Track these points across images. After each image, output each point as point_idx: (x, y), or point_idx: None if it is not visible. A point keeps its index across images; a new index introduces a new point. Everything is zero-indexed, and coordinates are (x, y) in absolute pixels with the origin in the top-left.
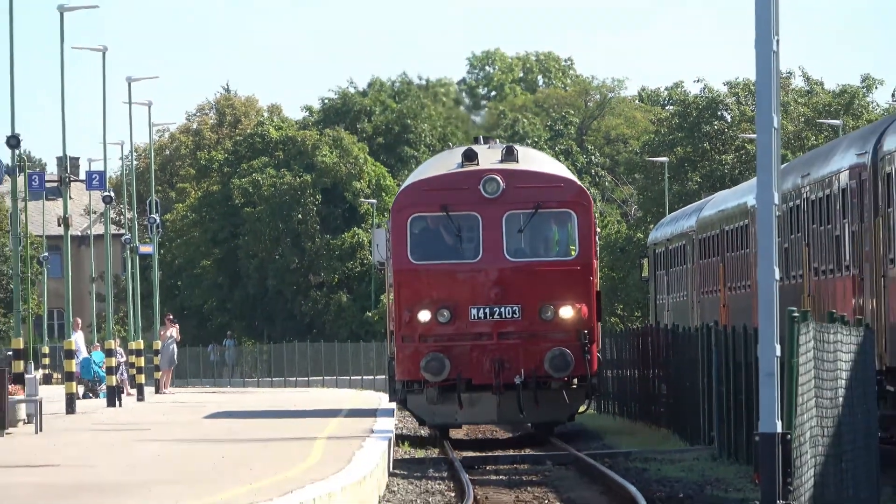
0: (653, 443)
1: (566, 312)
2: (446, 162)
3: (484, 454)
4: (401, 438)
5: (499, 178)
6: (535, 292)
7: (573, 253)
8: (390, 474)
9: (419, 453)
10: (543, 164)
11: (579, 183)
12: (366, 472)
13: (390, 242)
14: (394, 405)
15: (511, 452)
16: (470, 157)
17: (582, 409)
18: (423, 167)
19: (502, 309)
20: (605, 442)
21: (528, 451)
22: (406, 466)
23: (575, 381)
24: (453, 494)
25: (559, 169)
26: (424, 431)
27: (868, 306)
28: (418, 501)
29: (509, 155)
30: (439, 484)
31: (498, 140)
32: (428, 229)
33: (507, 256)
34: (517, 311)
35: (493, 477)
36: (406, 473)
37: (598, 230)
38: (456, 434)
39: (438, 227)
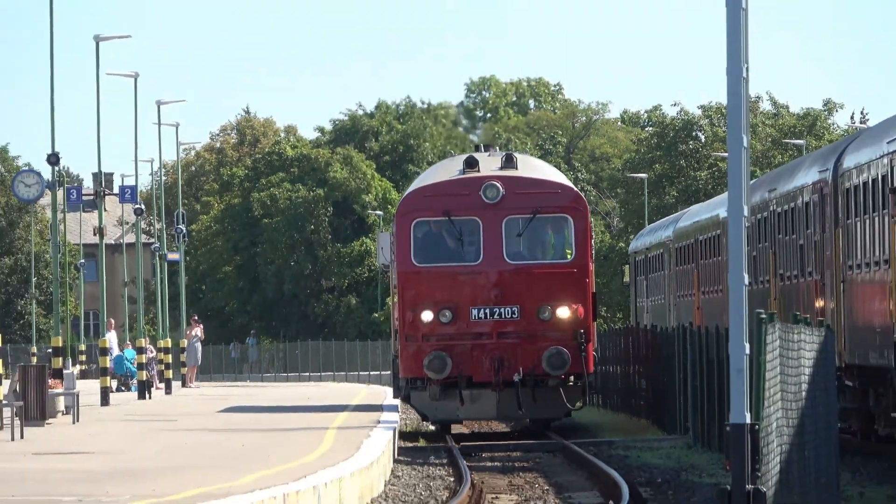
0: (633, 433)
1: (563, 313)
2: (449, 169)
3: (480, 443)
4: (404, 434)
5: (499, 185)
6: (533, 294)
7: (570, 256)
8: (395, 461)
9: (421, 443)
10: (541, 171)
11: (576, 189)
12: (372, 458)
13: (395, 246)
14: (398, 401)
15: (504, 442)
16: (471, 164)
17: (578, 405)
18: (426, 174)
19: (502, 309)
20: (590, 432)
21: (520, 441)
22: (409, 455)
23: (571, 378)
24: (452, 479)
25: (556, 176)
26: (424, 427)
27: (829, 308)
28: (420, 486)
29: (509, 162)
30: (440, 470)
31: (498, 148)
32: (431, 233)
33: (507, 259)
34: (516, 312)
35: (489, 464)
36: (409, 461)
37: (593, 235)
38: (457, 429)
39: (441, 231)
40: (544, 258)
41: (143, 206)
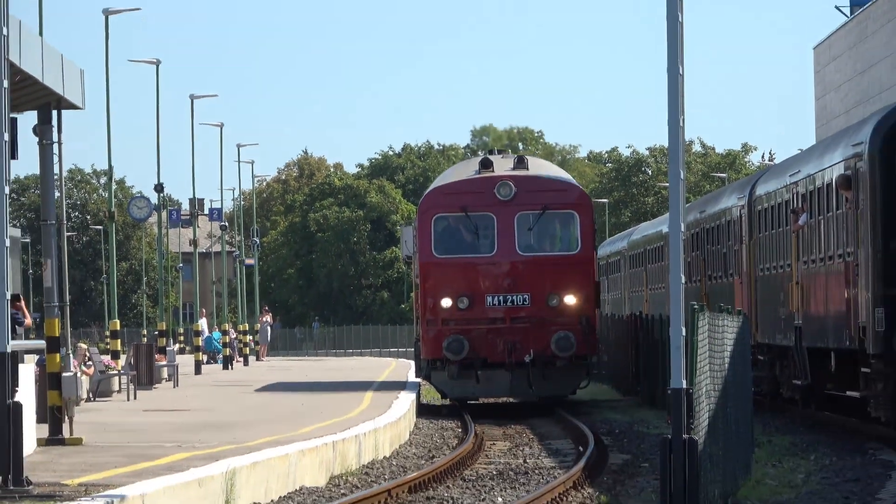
0: (598, 395)
1: (570, 300)
2: (466, 169)
3: (484, 405)
4: (424, 407)
5: (511, 183)
6: (542, 282)
7: (576, 248)
8: (417, 416)
9: (439, 402)
10: (550, 171)
11: (581, 188)
12: (400, 414)
13: (416, 239)
14: (419, 380)
15: (496, 400)
16: (486, 165)
17: (583, 384)
18: (445, 174)
19: (514, 297)
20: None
21: (511, 400)
22: (428, 414)
23: (577, 359)
24: (461, 430)
25: (564, 175)
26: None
27: (745, 301)
28: (436, 436)
29: (520, 163)
30: (451, 423)
31: (510, 151)
32: (449, 227)
33: (519, 251)
34: (527, 299)
35: (490, 420)
36: (429, 418)
37: (596, 229)
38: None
39: (459, 226)
40: (553, 250)
41: (226, 224)
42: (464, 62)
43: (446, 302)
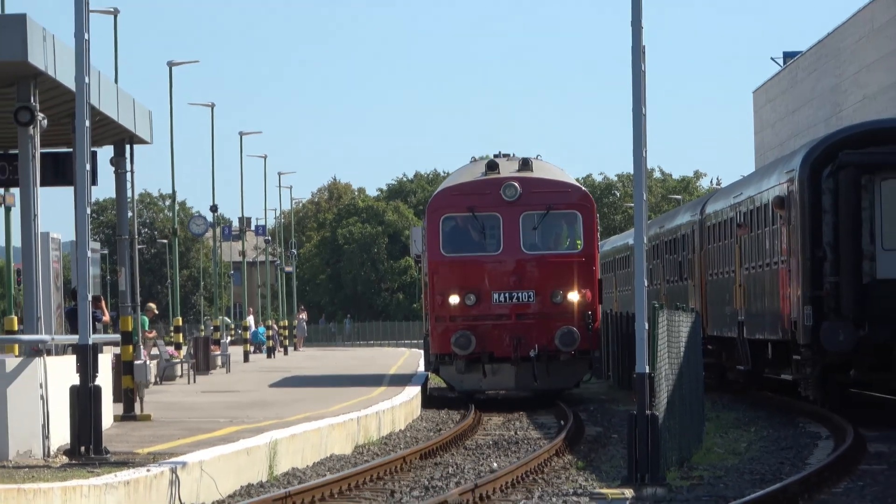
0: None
1: (573, 297)
2: (473, 171)
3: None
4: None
5: (517, 185)
6: (547, 280)
7: (579, 247)
8: (427, 399)
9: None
10: (554, 173)
11: (584, 189)
12: (412, 395)
13: (426, 238)
14: (428, 374)
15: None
16: (492, 167)
17: (586, 377)
18: (453, 176)
19: (519, 294)
20: None
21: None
22: (437, 401)
23: (580, 354)
24: (464, 409)
25: (567, 177)
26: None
27: (697, 300)
28: (443, 414)
29: (525, 166)
30: (457, 407)
31: (514, 154)
32: (457, 227)
33: (524, 250)
34: (532, 296)
35: (492, 407)
36: (437, 403)
37: (599, 229)
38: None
39: (466, 225)
40: (557, 249)
41: (269, 238)
42: (463, 99)
43: (454, 299)
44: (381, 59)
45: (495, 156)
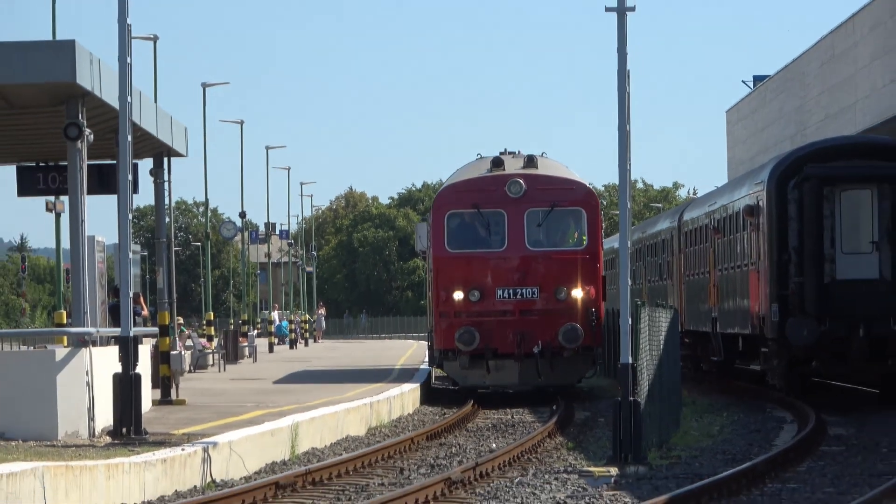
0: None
1: (577, 294)
2: (478, 168)
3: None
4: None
5: (521, 182)
6: (551, 276)
7: (583, 244)
8: (432, 387)
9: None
10: (559, 170)
11: (589, 186)
12: (420, 382)
13: (430, 234)
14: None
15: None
16: (497, 163)
17: (589, 374)
18: (458, 172)
19: (524, 290)
20: None
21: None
22: (440, 393)
23: (583, 350)
24: (465, 397)
25: (572, 174)
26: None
27: (676, 298)
28: (446, 400)
29: (530, 163)
30: (459, 397)
31: (520, 151)
32: (462, 223)
33: (528, 246)
34: (536, 293)
35: (491, 401)
36: (441, 392)
37: (603, 225)
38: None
39: (471, 222)
40: (561, 246)
41: (292, 241)
42: (459, 114)
43: (458, 295)
44: (395, 84)
45: (501, 153)
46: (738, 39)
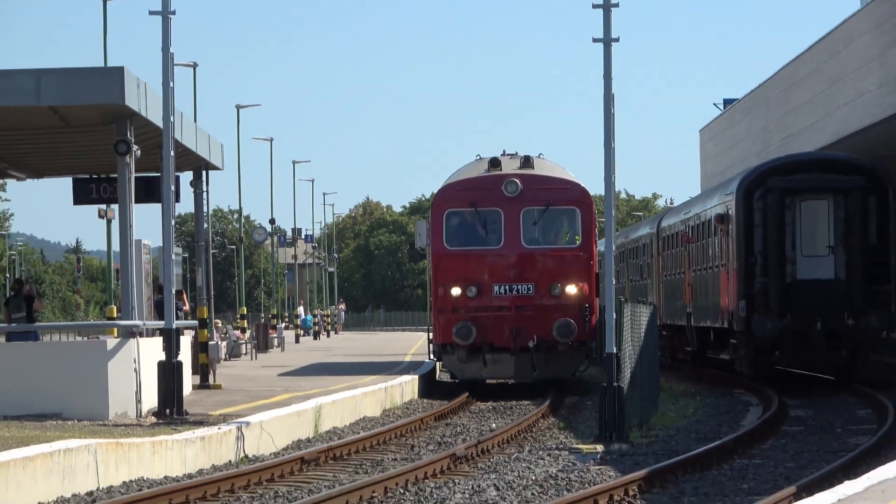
0: None
1: (571, 290)
2: (476, 168)
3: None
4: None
5: (518, 181)
6: (546, 273)
7: (577, 242)
8: (434, 381)
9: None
10: (554, 170)
11: (583, 186)
12: (426, 371)
13: (430, 232)
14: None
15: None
16: (495, 164)
17: (582, 367)
18: (457, 172)
19: (519, 286)
20: None
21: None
22: (441, 385)
23: (577, 344)
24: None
25: (567, 175)
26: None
27: (655, 296)
28: (446, 389)
29: (526, 163)
30: (458, 388)
31: (517, 152)
32: (460, 222)
33: (524, 244)
34: (531, 289)
35: (486, 394)
36: (444, 384)
37: (598, 224)
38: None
39: (469, 220)
40: (556, 243)
41: (316, 244)
42: (468, 130)
43: (456, 291)
44: (409, 107)
45: (500, 154)
46: (710, 67)
